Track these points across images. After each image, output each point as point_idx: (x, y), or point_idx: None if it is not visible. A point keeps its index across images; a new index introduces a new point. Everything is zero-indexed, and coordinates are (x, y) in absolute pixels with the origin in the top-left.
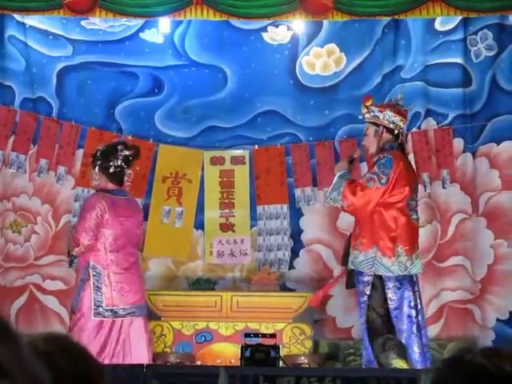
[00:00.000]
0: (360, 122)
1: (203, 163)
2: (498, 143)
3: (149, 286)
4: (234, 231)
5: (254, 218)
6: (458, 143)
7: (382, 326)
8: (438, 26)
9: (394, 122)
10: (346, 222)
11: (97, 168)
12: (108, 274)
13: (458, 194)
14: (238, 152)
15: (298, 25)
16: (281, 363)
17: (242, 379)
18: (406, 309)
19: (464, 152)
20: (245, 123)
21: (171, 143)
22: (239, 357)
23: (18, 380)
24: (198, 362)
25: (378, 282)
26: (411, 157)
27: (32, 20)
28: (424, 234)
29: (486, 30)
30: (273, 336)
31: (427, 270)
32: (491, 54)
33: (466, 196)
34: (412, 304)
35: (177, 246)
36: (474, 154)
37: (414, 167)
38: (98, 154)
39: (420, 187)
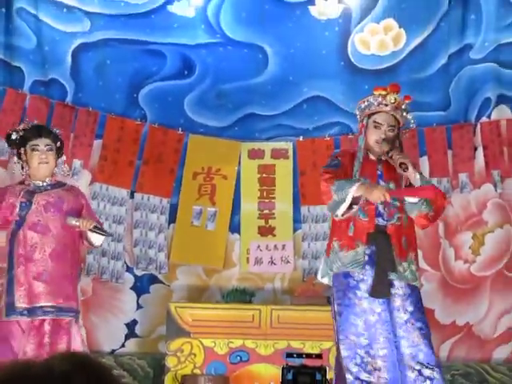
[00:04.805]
0: (422, 110)
1: (240, 157)
2: None
3: (177, 298)
4: (274, 235)
5: (297, 220)
6: None
7: None
8: None
9: None
10: None
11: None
12: None
13: None
14: (279, 144)
15: None
16: None
17: None
18: None
19: None
20: (288, 111)
21: (203, 133)
22: (280, 380)
23: None
24: None
25: None
26: (480, 151)
27: None
28: (494, 240)
29: None
30: (319, 356)
31: (498, 281)
32: None
33: None
34: None
35: (209, 252)
36: None
37: (484, 163)
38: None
39: (489, 186)
